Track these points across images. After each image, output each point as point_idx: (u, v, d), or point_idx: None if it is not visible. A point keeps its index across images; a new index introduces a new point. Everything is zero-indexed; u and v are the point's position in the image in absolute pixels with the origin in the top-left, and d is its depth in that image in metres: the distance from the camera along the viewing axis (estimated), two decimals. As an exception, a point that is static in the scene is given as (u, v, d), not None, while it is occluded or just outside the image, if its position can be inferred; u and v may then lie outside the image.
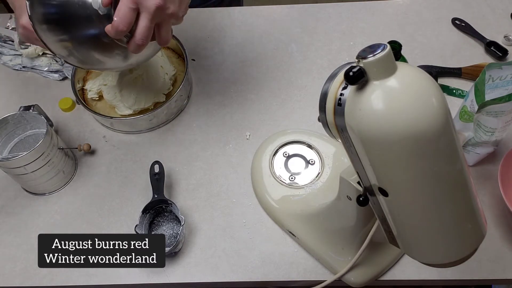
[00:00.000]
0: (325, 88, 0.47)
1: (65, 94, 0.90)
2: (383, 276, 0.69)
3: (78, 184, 0.80)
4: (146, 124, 0.84)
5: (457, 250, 0.48)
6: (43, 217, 0.77)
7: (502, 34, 0.93)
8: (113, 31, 0.59)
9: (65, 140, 0.85)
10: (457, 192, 0.45)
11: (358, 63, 0.41)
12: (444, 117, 0.41)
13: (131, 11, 0.58)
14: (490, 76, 0.65)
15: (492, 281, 0.70)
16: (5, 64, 0.96)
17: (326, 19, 1.00)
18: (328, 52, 0.95)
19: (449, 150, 0.43)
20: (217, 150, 0.83)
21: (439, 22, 0.98)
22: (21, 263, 0.73)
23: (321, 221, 0.69)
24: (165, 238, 0.73)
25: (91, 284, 0.71)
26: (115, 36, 0.60)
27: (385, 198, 0.46)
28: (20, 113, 0.76)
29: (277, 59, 0.94)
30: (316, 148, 0.78)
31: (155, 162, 0.76)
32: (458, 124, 0.72)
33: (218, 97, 0.90)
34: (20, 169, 0.72)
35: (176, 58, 0.93)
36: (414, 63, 0.90)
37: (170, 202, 0.72)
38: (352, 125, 0.43)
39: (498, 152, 0.76)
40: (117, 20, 0.58)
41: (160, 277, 0.70)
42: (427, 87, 0.41)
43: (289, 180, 0.76)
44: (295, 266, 0.70)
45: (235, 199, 0.77)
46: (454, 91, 0.87)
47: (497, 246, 0.70)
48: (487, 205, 0.73)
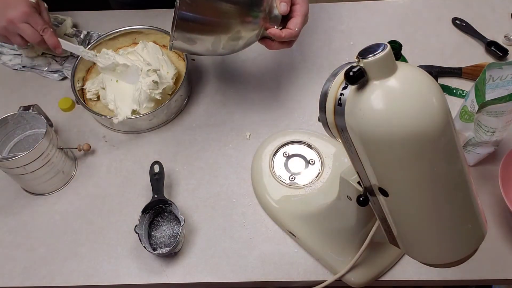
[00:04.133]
0: (325, 88, 0.47)
1: (65, 94, 0.90)
2: (383, 276, 0.69)
3: (78, 184, 0.80)
4: (146, 124, 0.84)
5: (457, 250, 0.48)
6: (43, 217, 0.77)
7: (503, 34, 0.93)
8: (278, 38, 0.70)
9: (65, 140, 0.85)
10: (457, 192, 0.45)
11: (358, 63, 0.41)
12: (445, 117, 0.41)
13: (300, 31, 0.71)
14: (491, 76, 0.65)
15: (492, 281, 0.69)
16: (5, 64, 0.96)
17: (326, 19, 1.00)
18: (328, 52, 0.95)
19: (450, 150, 0.43)
20: (217, 150, 0.82)
21: (439, 22, 0.98)
22: (21, 263, 0.73)
23: (321, 221, 0.69)
24: (165, 238, 0.73)
25: (91, 284, 0.70)
26: (277, 39, 0.71)
27: (385, 198, 0.46)
28: (20, 113, 0.76)
29: (277, 59, 0.94)
30: (316, 148, 0.78)
31: (155, 162, 0.76)
32: (459, 124, 0.72)
33: (218, 97, 0.90)
34: (19, 169, 0.72)
35: (176, 58, 0.93)
36: (414, 63, 0.90)
37: (170, 202, 0.72)
38: (352, 125, 0.43)
39: (499, 152, 0.76)
40: (288, 33, 0.69)
41: (160, 277, 0.70)
42: (428, 87, 0.41)
43: (289, 180, 0.76)
44: (295, 266, 0.70)
45: (235, 199, 0.77)
46: (454, 91, 0.86)
47: (497, 246, 0.70)
48: (487, 205, 0.73)
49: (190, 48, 0.70)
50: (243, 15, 0.67)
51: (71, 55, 0.94)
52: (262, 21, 0.69)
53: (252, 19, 0.68)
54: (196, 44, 0.69)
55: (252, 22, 0.68)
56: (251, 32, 0.70)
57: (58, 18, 0.97)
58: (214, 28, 0.67)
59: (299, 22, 0.71)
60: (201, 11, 0.66)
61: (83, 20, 1.02)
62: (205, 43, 0.69)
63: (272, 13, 0.70)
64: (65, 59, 0.94)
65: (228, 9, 0.66)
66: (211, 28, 0.67)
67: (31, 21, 0.77)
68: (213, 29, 0.67)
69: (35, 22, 0.77)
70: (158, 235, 0.73)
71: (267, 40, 0.73)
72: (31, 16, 0.76)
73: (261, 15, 0.68)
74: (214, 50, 0.71)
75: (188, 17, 0.65)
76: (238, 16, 0.67)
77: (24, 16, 0.76)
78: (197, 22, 0.66)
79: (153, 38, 0.93)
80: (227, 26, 0.67)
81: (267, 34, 0.71)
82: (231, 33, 0.68)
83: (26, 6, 0.76)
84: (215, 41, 0.69)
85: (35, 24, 0.77)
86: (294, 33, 0.70)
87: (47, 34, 0.78)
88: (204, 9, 0.66)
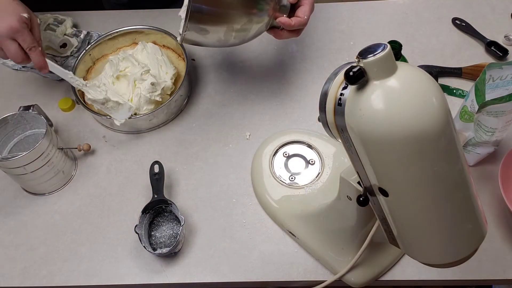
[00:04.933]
0: (325, 88, 0.47)
1: (65, 94, 0.90)
2: (383, 276, 0.69)
3: (78, 184, 0.80)
4: (146, 124, 0.84)
5: (457, 250, 0.48)
6: (42, 217, 0.77)
7: (503, 34, 0.93)
8: (287, 27, 0.71)
9: (65, 140, 0.85)
10: (457, 192, 0.45)
11: (358, 63, 0.41)
12: (445, 117, 0.41)
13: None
14: (491, 76, 0.65)
15: (492, 281, 0.69)
16: (5, 64, 0.96)
17: (326, 19, 1.00)
18: (328, 52, 0.95)
19: (449, 150, 0.43)
20: (217, 150, 0.82)
21: (439, 22, 0.98)
22: (21, 263, 0.73)
23: (321, 221, 0.69)
24: (165, 238, 0.73)
25: (91, 284, 0.70)
26: (287, 28, 0.72)
27: (385, 198, 0.46)
28: (20, 113, 0.76)
29: (277, 59, 0.94)
30: (316, 148, 0.78)
31: (155, 162, 0.76)
32: (459, 124, 0.72)
33: (218, 97, 0.90)
34: (19, 169, 0.72)
35: (176, 58, 0.93)
36: (414, 63, 0.90)
37: (170, 202, 0.72)
38: (352, 125, 0.43)
39: (499, 152, 0.76)
40: (298, 21, 0.71)
41: (160, 277, 0.70)
42: (428, 87, 0.41)
43: (289, 180, 0.76)
44: (295, 266, 0.70)
45: (235, 199, 0.77)
46: (454, 91, 0.86)
47: (497, 246, 0.70)
48: (487, 205, 0.73)
49: (202, 39, 0.71)
50: (255, 4, 0.69)
51: (71, 55, 0.94)
52: (272, 11, 0.71)
53: (263, 8, 0.69)
54: (208, 35, 0.70)
55: (263, 11, 0.70)
56: (262, 22, 0.71)
57: (58, 18, 0.97)
58: (227, 18, 0.68)
59: (307, 10, 0.72)
60: (214, 2, 0.67)
61: (83, 20, 1.02)
62: (217, 33, 0.70)
63: (281, 2, 0.72)
64: (65, 59, 0.94)
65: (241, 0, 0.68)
66: (223, 18, 0.68)
67: (18, 38, 0.71)
68: (226, 19, 0.68)
69: (23, 40, 0.71)
70: (158, 235, 0.73)
71: (275, 30, 0.74)
72: (19, 32, 0.71)
73: (272, 4, 0.70)
74: (226, 40, 0.72)
75: (202, 8, 0.66)
76: (250, 6, 0.68)
77: (11, 31, 0.70)
78: (211, 13, 0.67)
79: (153, 38, 0.93)
80: (239, 16, 0.69)
81: (276, 24, 0.73)
82: (242, 23, 0.69)
83: (15, 21, 0.70)
84: (227, 31, 0.70)
85: (22, 41, 0.71)
86: (303, 21, 0.72)
87: (34, 53, 0.73)
88: (218, 0, 0.67)
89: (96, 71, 0.91)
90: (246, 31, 0.71)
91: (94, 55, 0.92)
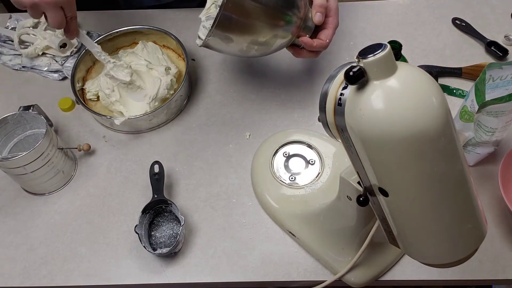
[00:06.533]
0: (325, 88, 0.47)
1: (65, 94, 0.90)
2: (383, 276, 0.69)
3: (77, 184, 0.80)
4: (146, 124, 0.84)
5: (457, 250, 0.48)
6: (42, 217, 0.77)
7: (503, 34, 0.93)
8: (308, 47, 0.72)
9: (65, 140, 0.85)
10: (457, 192, 0.45)
11: (358, 63, 0.41)
12: (445, 117, 0.41)
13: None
14: (491, 76, 0.65)
15: (492, 281, 0.69)
16: (5, 64, 0.96)
17: (326, 19, 1.00)
18: (328, 52, 0.95)
19: (450, 150, 0.43)
20: (217, 150, 0.82)
21: (439, 22, 0.98)
22: (21, 263, 0.73)
23: (321, 221, 0.69)
24: (165, 238, 0.73)
25: (91, 284, 0.70)
26: (308, 48, 0.73)
27: (385, 198, 0.46)
28: (20, 113, 0.76)
29: (277, 59, 0.94)
30: (316, 148, 0.78)
31: (155, 162, 0.76)
32: (459, 124, 0.72)
33: (218, 97, 0.90)
34: (19, 169, 0.72)
35: (176, 58, 0.93)
36: (414, 63, 0.90)
37: (170, 202, 0.72)
38: (352, 125, 0.43)
39: (499, 152, 0.76)
40: (319, 44, 0.72)
41: (160, 277, 0.70)
42: (428, 87, 0.41)
43: (289, 180, 0.76)
44: (295, 266, 0.70)
45: (235, 199, 0.77)
46: (454, 91, 0.86)
47: (497, 246, 0.70)
48: (487, 205, 0.73)
49: (224, 47, 0.71)
50: (283, 21, 0.69)
51: (71, 55, 0.94)
52: (296, 29, 0.71)
53: (289, 26, 0.70)
54: (231, 43, 0.70)
55: (288, 28, 0.70)
56: (286, 38, 0.72)
57: (58, 18, 0.97)
58: (254, 30, 0.68)
59: (330, 34, 0.73)
60: (245, 13, 0.66)
61: (83, 20, 1.02)
62: (240, 44, 0.70)
63: (307, 22, 0.72)
64: (65, 59, 0.94)
65: (271, 14, 0.68)
66: (250, 30, 0.68)
67: (66, 7, 0.71)
68: (252, 31, 0.68)
69: (70, 9, 0.72)
70: (158, 235, 0.73)
71: (296, 48, 0.76)
72: (69, 2, 0.71)
73: (298, 23, 0.70)
74: (247, 52, 0.72)
75: (231, 17, 0.66)
76: (278, 21, 0.69)
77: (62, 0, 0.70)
78: (239, 23, 0.67)
79: (153, 38, 0.93)
80: (266, 28, 0.69)
81: (297, 42, 0.73)
82: (268, 36, 0.70)
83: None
84: (251, 43, 0.70)
85: (69, 10, 0.72)
86: (324, 44, 0.73)
87: (74, 22, 0.75)
88: (249, 11, 0.66)
89: (96, 71, 0.91)
90: (269, 45, 0.72)
91: (94, 55, 0.92)
